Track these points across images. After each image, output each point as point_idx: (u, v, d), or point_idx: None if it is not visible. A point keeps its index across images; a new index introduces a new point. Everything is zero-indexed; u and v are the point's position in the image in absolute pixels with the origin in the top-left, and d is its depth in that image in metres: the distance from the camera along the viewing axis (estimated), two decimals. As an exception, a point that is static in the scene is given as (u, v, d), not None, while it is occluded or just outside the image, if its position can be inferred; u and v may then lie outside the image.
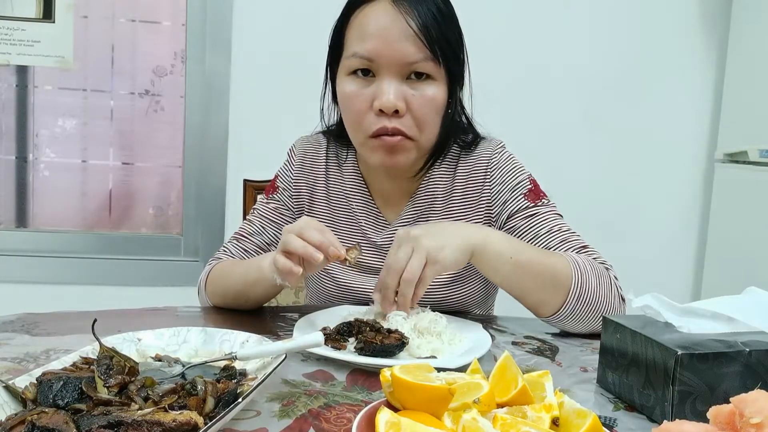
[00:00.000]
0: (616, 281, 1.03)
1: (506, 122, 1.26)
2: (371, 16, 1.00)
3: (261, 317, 1.06)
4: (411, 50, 0.98)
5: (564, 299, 0.97)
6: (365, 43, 0.99)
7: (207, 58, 2.07)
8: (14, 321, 0.97)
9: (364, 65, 1.01)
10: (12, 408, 0.60)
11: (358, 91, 1.02)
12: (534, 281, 0.97)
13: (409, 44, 0.98)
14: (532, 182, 1.12)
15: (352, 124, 1.05)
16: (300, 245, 0.88)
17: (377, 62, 0.99)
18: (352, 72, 1.03)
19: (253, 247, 1.16)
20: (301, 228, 0.90)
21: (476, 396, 0.57)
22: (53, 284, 2.04)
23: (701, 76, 2.27)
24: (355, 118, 1.04)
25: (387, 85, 0.99)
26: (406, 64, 0.99)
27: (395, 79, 1.00)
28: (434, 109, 1.03)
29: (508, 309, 1.20)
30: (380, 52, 0.99)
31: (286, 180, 1.20)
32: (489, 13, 2.09)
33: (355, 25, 1.02)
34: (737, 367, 0.67)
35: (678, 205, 2.32)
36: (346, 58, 1.03)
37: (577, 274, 0.98)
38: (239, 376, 0.72)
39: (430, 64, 1.00)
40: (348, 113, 1.05)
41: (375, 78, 1.01)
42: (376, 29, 0.99)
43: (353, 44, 1.02)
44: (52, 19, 2.06)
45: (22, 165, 2.14)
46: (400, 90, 1.00)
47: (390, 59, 0.99)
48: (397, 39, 0.98)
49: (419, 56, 0.99)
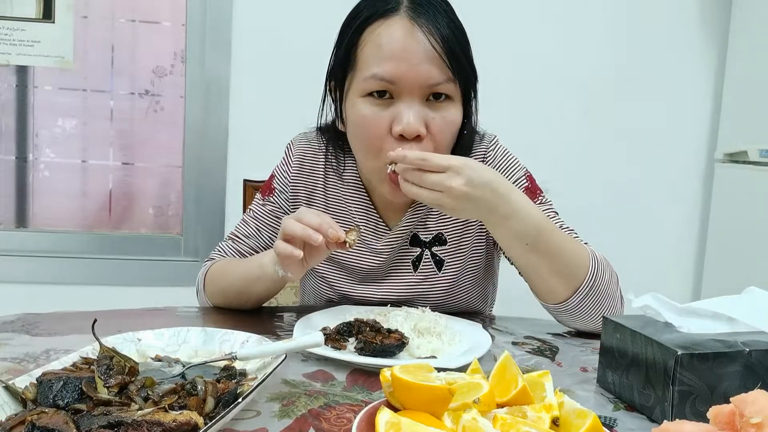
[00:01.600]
0: (618, 282, 1.02)
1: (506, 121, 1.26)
2: (389, 34, 0.95)
3: (261, 317, 1.06)
4: (434, 72, 0.94)
5: (575, 289, 0.95)
6: (384, 64, 0.94)
7: (207, 58, 2.07)
8: (14, 321, 0.97)
9: (382, 87, 0.95)
10: (12, 408, 0.60)
11: (376, 115, 0.96)
12: (549, 265, 0.94)
13: (433, 66, 0.94)
14: (529, 179, 1.12)
15: (367, 149, 1.00)
16: (299, 228, 0.88)
17: (399, 84, 0.94)
18: (367, 94, 0.97)
19: (247, 249, 1.15)
20: (300, 213, 0.90)
21: (476, 396, 0.58)
22: (53, 284, 2.04)
23: (701, 76, 2.27)
24: (372, 143, 0.98)
25: (408, 109, 0.94)
26: (428, 86, 0.95)
27: (416, 101, 0.95)
28: (452, 132, 1.00)
29: (508, 309, 1.20)
30: (402, 75, 0.94)
31: (282, 181, 1.16)
32: (489, 12, 2.09)
33: (370, 43, 0.96)
34: (737, 367, 0.67)
35: (678, 205, 2.32)
36: (364, 79, 0.96)
37: (594, 267, 0.96)
38: (239, 376, 0.72)
39: (451, 85, 0.96)
40: (362, 138, 1.00)
41: (393, 100, 0.96)
42: (398, 50, 0.94)
43: (370, 64, 0.96)
44: (52, 19, 2.06)
45: (22, 165, 2.14)
46: (421, 113, 0.95)
47: (413, 82, 0.94)
48: (420, 60, 0.93)
49: (442, 78, 0.95)
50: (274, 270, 0.94)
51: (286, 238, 0.90)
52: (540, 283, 0.98)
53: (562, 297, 0.97)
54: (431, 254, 1.11)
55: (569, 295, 0.96)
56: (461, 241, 1.12)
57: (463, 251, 1.12)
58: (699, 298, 0.84)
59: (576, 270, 0.96)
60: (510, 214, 0.91)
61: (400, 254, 1.12)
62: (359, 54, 0.98)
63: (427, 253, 1.11)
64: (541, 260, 0.95)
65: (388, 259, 1.12)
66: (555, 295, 0.97)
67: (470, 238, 1.12)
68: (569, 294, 0.96)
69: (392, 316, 0.96)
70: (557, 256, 0.94)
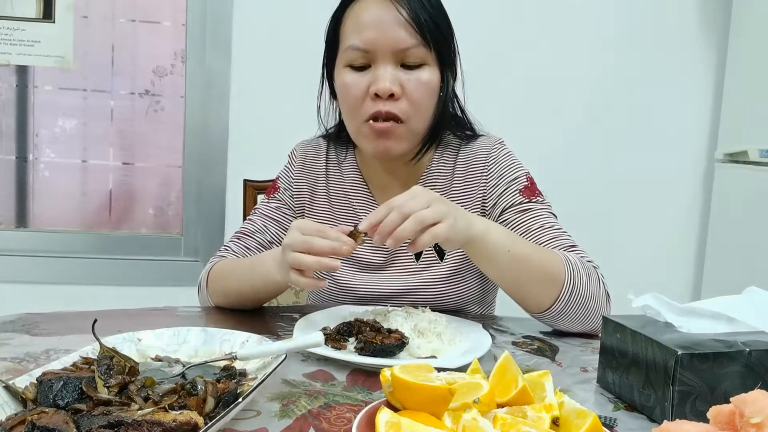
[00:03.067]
0: (602, 279, 1.03)
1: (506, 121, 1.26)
2: (364, 8, 1.05)
3: (261, 317, 1.06)
4: (403, 36, 1.03)
5: (557, 295, 0.97)
6: (361, 35, 1.04)
7: (207, 58, 2.07)
8: (14, 321, 0.97)
9: (360, 57, 1.04)
10: (12, 408, 0.60)
11: (356, 80, 1.05)
12: (528, 275, 0.97)
13: (402, 31, 1.03)
14: (529, 179, 1.13)
15: (349, 111, 1.08)
16: (314, 262, 0.87)
17: (373, 51, 1.03)
18: (349, 64, 1.06)
19: (254, 244, 1.17)
20: (304, 242, 0.88)
21: (476, 396, 0.58)
22: (53, 284, 2.04)
23: (701, 77, 2.27)
24: (352, 105, 1.07)
25: (383, 71, 1.03)
26: (400, 50, 1.03)
27: (390, 64, 1.04)
28: (428, 92, 1.06)
29: (508, 309, 1.20)
30: (375, 41, 1.03)
31: (286, 181, 1.22)
32: (490, 14, 2.09)
33: (350, 19, 1.06)
34: (737, 367, 0.67)
35: (678, 205, 2.32)
36: (343, 51, 1.06)
37: (569, 271, 0.98)
38: (239, 376, 0.72)
39: (422, 49, 1.04)
40: (345, 102, 1.08)
41: (371, 68, 1.05)
42: (370, 20, 1.03)
43: (349, 37, 1.05)
44: (52, 19, 2.06)
45: (22, 165, 2.14)
46: (396, 75, 1.04)
47: (385, 46, 1.03)
48: (389, 27, 1.02)
49: (412, 42, 1.03)
50: (282, 279, 0.94)
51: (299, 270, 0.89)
52: (523, 294, 1.00)
53: (546, 305, 0.99)
54: None
55: (552, 302, 0.98)
56: None
57: None
58: (699, 298, 0.84)
59: (555, 274, 0.97)
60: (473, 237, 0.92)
61: (402, 245, 1.13)
62: (341, 31, 1.08)
63: None
64: (521, 274, 0.97)
65: (390, 250, 1.13)
66: (540, 303, 0.99)
67: None
68: (552, 301, 0.98)
69: (392, 316, 0.96)
70: (536, 267, 0.97)
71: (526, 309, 1.03)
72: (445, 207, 0.88)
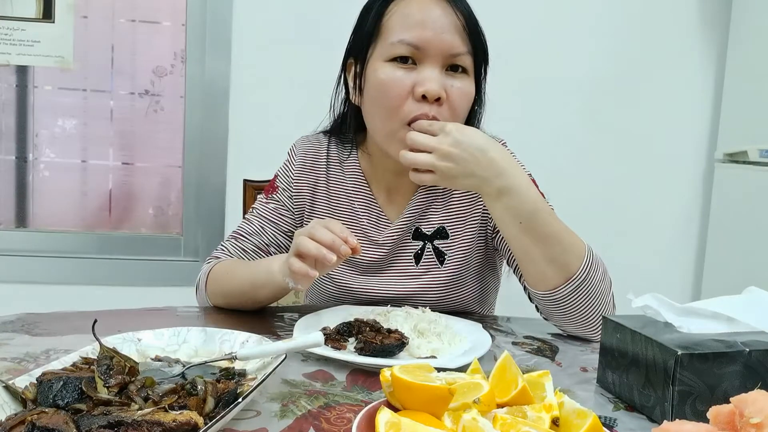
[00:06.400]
0: (612, 288, 1.01)
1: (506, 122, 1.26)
2: (417, 4, 1.02)
3: (261, 317, 1.06)
4: (457, 42, 1.01)
5: (567, 278, 0.95)
6: (413, 31, 1.00)
7: (207, 58, 2.07)
8: (14, 321, 0.97)
9: (408, 52, 1.01)
10: (12, 408, 0.60)
11: (399, 77, 1.01)
12: (543, 250, 0.95)
13: (456, 36, 1.01)
14: (532, 182, 1.12)
15: (388, 109, 1.02)
16: (313, 247, 0.88)
17: (424, 50, 1.00)
18: (392, 59, 1.02)
19: (251, 246, 1.15)
20: (312, 228, 0.91)
21: (476, 396, 0.58)
22: (53, 284, 2.04)
23: (701, 77, 2.27)
24: (393, 103, 1.01)
25: (432, 72, 1.00)
26: (451, 55, 1.01)
27: (438, 67, 1.01)
28: (467, 101, 1.05)
29: (508, 309, 1.20)
30: (429, 40, 1.00)
31: (286, 180, 1.19)
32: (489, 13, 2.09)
33: (397, 13, 1.03)
34: (737, 367, 0.67)
35: (678, 205, 2.32)
36: (390, 44, 1.02)
37: (588, 261, 0.96)
38: (238, 376, 0.72)
39: (469, 58, 1.03)
40: (384, 99, 1.02)
41: (415, 66, 1.01)
42: (426, 18, 1.00)
43: (398, 31, 1.01)
44: (52, 19, 2.06)
45: (22, 165, 2.14)
46: (443, 79, 1.01)
47: (438, 48, 1.00)
48: (444, 30, 1.00)
49: (463, 49, 1.02)
50: (283, 279, 0.95)
51: (299, 254, 0.90)
52: (532, 267, 0.98)
53: (552, 285, 0.96)
54: (433, 248, 1.12)
55: (560, 284, 0.95)
56: (463, 234, 1.12)
57: (465, 245, 1.12)
58: (699, 298, 0.84)
59: (570, 259, 0.95)
60: (505, 189, 0.94)
61: (402, 247, 1.13)
62: (385, 23, 1.04)
63: (429, 246, 1.12)
64: (535, 244, 0.95)
65: (390, 252, 1.13)
66: (546, 282, 0.97)
67: (473, 231, 1.12)
68: (560, 282, 0.95)
69: (392, 316, 0.96)
70: (552, 242, 0.95)
71: (531, 284, 1.00)
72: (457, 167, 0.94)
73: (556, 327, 1.04)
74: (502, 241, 1.11)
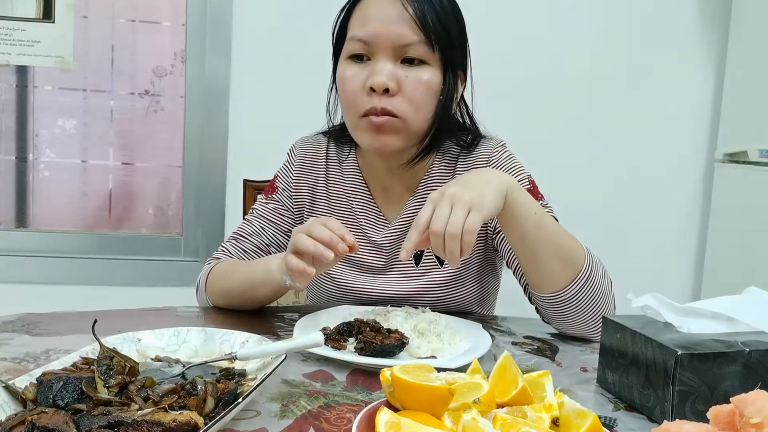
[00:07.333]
0: (613, 287, 1.02)
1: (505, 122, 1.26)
2: (373, 3, 1.04)
3: (261, 317, 1.06)
4: (406, 32, 1.02)
5: (573, 277, 0.96)
6: (365, 27, 1.03)
7: (207, 58, 2.07)
8: (14, 321, 0.97)
9: (361, 48, 1.04)
10: (12, 408, 0.60)
11: (354, 73, 1.05)
12: (551, 248, 0.96)
13: (404, 27, 1.02)
14: (531, 183, 1.12)
15: (346, 103, 1.08)
16: (311, 244, 0.89)
17: (373, 44, 1.03)
18: (350, 56, 1.06)
19: (251, 247, 1.16)
20: (309, 226, 0.91)
21: (476, 396, 0.58)
22: (53, 284, 2.04)
23: (701, 77, 2.27)
24: (349, 98, 1.06)
25: (381, 65, 1.02)
26: (400, 46, 1.02)
27: (389, 60, 1.03)
28: (427, 91, 1.04)
29: (508, 309, 1.20)
30: (377, 34, 1.02)
31: (285, 180, 1.20)
32: (489, 13, 2.09)
33: (358, 13, 1.06)
34: (737, 367, 0.67)
35: (678, 205, 2.32)
36: (347, 42, 1.07)
37: (589, 259, 0.97)
38: (238, 376, 0.72)
39: (423, 47, 1.03)
40: (343, 94, 1.08)
41: (370, 61, 1.04)
42: (376, 14, 1.03)
43: (354, 29, 1.06)
44: (52, 19, 2.06)
45: (22, 165, 2.14)
46: (393, 71, 1.02)
47: (385, 40, 1.02)
48: (393, 21, 1.02)
49: (413, 39, 1.02)
50: (282, 278, 0.95)
51: (297, 252, 0.90)
52: (540, 268, 0.98)
53: (560, 284, 0.97)
54: None
55: (567, 283, 0.96)
56: None
57: None
58: (699, 298, 0.84)
59: (575, 257, 0.97)
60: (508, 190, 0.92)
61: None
62: (349, 25, 1.08)
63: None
64: (544, 244, 0.95)
65: (390, 253, 1.13)
66: (554, 282, 0.97)
67: None
68: (568, 281, 0.96)
69: (392, 316, 0.96)
70: (558, 242, 0.96)
71: (537, 286, 1.00)
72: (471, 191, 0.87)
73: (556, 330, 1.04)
74: (501, 241, 1.11)
